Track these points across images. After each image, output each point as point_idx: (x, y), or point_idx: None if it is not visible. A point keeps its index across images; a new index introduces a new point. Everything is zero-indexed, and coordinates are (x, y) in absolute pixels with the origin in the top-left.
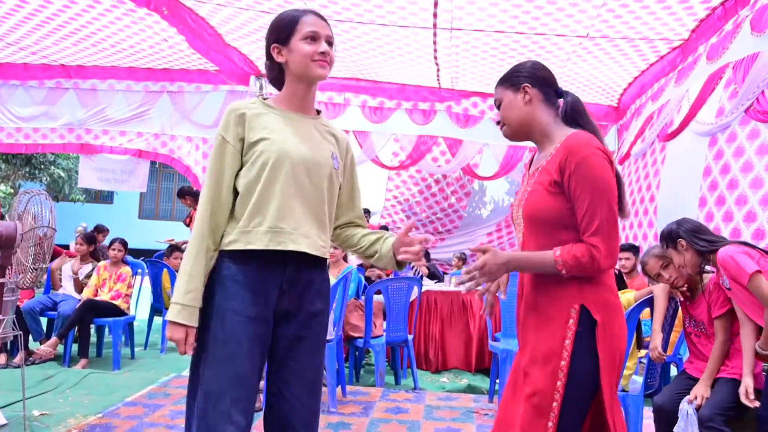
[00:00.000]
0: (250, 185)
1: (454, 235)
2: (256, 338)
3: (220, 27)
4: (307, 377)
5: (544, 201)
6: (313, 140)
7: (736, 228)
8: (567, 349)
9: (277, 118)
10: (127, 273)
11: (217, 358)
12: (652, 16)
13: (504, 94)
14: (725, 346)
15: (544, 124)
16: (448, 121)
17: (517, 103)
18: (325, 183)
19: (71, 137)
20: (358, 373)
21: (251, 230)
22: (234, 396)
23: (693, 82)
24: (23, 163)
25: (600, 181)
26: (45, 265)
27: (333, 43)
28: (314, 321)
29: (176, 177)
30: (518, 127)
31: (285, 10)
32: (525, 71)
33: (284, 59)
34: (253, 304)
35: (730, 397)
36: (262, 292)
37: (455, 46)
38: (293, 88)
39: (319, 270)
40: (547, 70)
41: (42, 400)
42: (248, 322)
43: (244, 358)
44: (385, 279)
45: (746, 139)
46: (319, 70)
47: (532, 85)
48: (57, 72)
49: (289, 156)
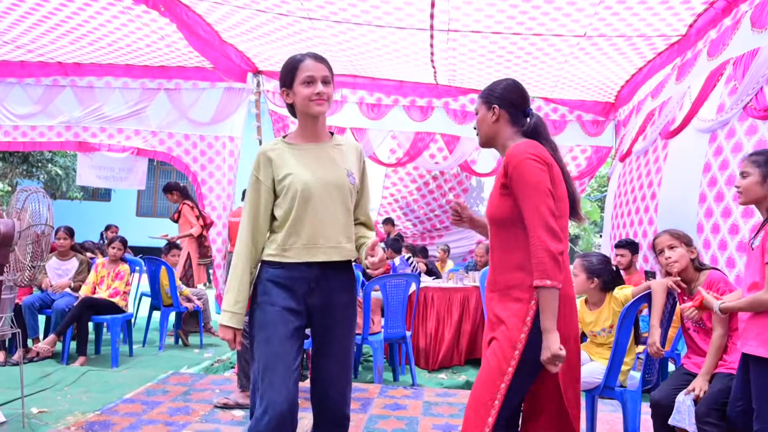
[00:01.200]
0: (286, 213)
1: (452, 232)
2: (290, 325)
3: (217, 24)
4: (339, 357)
5: (498, 202)
6: (332, 164)
7: (735, 224)
8: (527, 324)
9: (297, 153)
10: (125, 271)
11: (261, 341)
12: (649, 12)
13: (480, 107)
14: (723, 340)
15: (504, 138)
16: (445, 117)
17: (486, 120)
18: (347, 199)
19: (69, 135)
20: (356, 369)
21: (289, 248)
22: (275, 369)
23: (694, 78)
24: (20, 161)
25: (531, 184)
26: (43, 262)
27: (330, 82)
28: (342, 311)
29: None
30: (485, 138)
31: (290, 57)
32: (498, 92)
33: (291, 100)
34: (285, 299)
35: (727, 393)
36: (293, 288)
37: (452, 49)
38: (303, 122)
39: (343, 268)
40: (518, 91)
41: (41, 397)
42: (282, 312)
43: (282, 339)
44: (383, 276)
45: (744, 135)
46: (317, 108)
47: (500, 107)
48: (54, 70)
49: (312, 186)
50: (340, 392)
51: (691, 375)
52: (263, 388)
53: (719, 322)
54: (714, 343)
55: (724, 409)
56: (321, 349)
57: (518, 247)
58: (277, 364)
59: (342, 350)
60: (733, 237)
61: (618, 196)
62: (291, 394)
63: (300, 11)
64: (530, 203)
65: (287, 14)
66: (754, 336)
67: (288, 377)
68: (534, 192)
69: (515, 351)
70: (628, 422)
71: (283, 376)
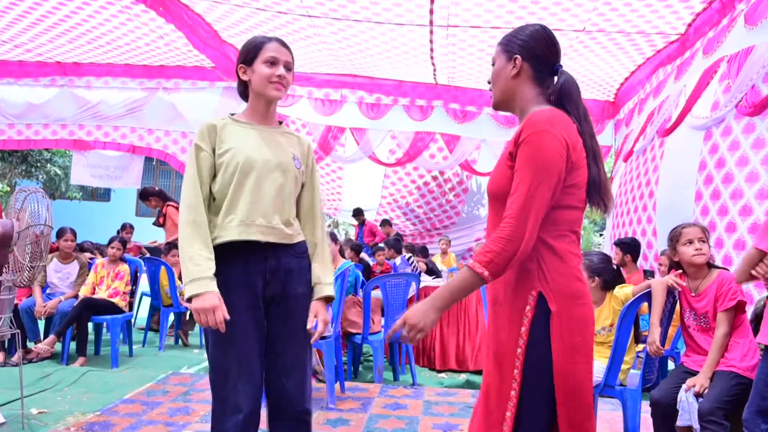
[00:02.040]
0: (223, 188)
1: (451, 231)
2: (250, 324)
3: (216, 23)
4: (296, 348)
5: (501, 175)
6: (277, 146)
7: (732, 222)
8: (523, 337)
9: (242, 129)
10: (125, 271)
11: (220, 342)
12: (648, 9)
13: (498, 57)
14: (727, 339)
15: (525, 101)
16: (445, 117)
17: (504, 73)
18: (290, 183)
19: (64, 133)
20: (357, 369)
21: (225, 225)
22: (240, 371)
23: (690, 76)
24: (20, 161)
25: (539, 162)
26: (42, 263)
27: (291, 69)
28: (298, 302)
29: (173, 174)
30: (500, 96)
31: (254, 36)
32: (521, 40)
33: (248, 78)
34: (243, 297)
35: (731, 391)
36: (249, 284)
37: (452, 44)
38: (254, 103)
39: (297, 258)
40: (548, 41)
41: (40, 398)
42: (241, 311)
43: (244, 339)
44: (383, 275)
45: (741, 133)
46: (274, 92)
47: (524, 59)
48: (53, 69)
49: (254, 161)
50: (298, 386)
51: (690, 373)
52: (227, 390)
53: (724, 320)
54: (717, 341)
55: (727, 407)
56: (277, 341)
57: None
58: (241, 366)
59: (299, 342)
60: (730, 235)
61: (619, 195)
62: (256, 396)
63: (299, 9)
64: (528, 181)
65: (286, 12)
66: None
67: (252, 379)
68: (539, 172)
69: (514, 369)
70: (628, 421)
71: (248, 378)
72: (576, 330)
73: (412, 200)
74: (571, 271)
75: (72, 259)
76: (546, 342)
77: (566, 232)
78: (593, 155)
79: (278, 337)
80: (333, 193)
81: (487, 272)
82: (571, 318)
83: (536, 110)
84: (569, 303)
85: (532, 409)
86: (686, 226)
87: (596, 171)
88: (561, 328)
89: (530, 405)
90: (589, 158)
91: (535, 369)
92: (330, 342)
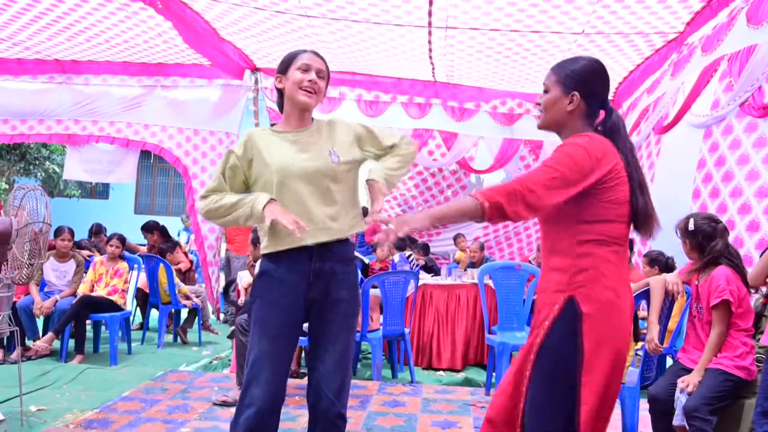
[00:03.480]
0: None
1: (449, 229)
2: (286, 323)
3: (215, 22)
4: (336, 356)
5: None
6: (313, 149)
7: (731, 220)
8: (544, 327)
9: (279, 138)
10: (124, 268)
11: (255, 335)
12: (647, 11)
13: (554, 86)
14: (721, 338)
15: (574, 130)
16: (443, 114)
17: (560, 106)
18: (330, 181)
19: (59, 128)
20: (355, 366)
21: (275, 234)
22: (262, 366)
23: (688, 74)
24: (18, 159)
25: (564, 155)
26: (41, 260)
27: (325, 78)
28: (340, 307)
29: (172, 172)
30: (551, 123)
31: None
32: (580, 75)
33: (282, 86)
34: (284, 294)
35: (717, 388)
36: (291, 283)
37: (450, 46)
38: (289, 110)
39: (342, 263)
40: (603, 80)
41: (39, 395)
42: (279, 308)
43: (273, 337)
44: (382, 273)
45: (743, 132)
46: (303, 97)
47: (581, 97)
48: (51, 67)
49: (292, 170)
50: (335, 392)
51: (686, 370)
52: (248, 382)
53: (718, 319)
54: (712, 340)
55: (713, 404)
56: (318, 346)
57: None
58: (265, 362)
59: (340, 348)
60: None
61: None
62: (275, 393)
63: (297, 9)
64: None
65: (284, 12)
66: None
67: (275, 376)
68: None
69: (531, 355)
70: (627, 418)
71: (271, 374)
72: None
73: (410, 197)
74: (608, 279)
75: (69, 258)
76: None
77: (608, 244)
78: (639, 186)
79: (319, 342)
80: None
81: (486, 202)
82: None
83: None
84: (606, 309)
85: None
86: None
87: (643, 202)
88: (593, 329)
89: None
90: (635, 188)
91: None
92: None
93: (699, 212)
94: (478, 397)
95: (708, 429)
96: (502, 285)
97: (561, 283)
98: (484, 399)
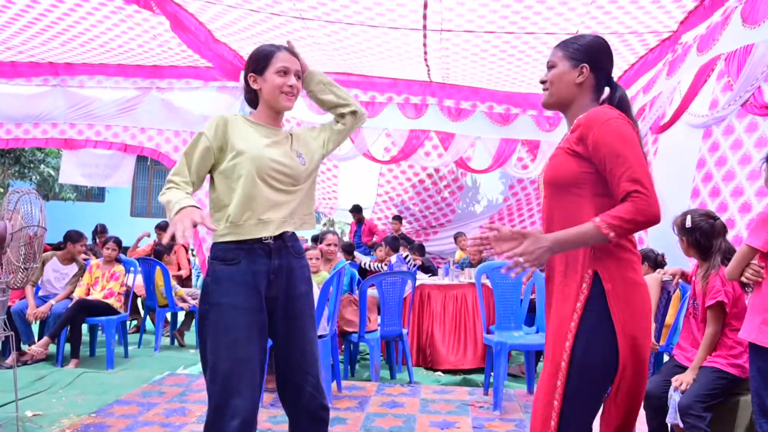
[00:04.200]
0: (237, 186)
1: (447, 228)
2: (254, 326)
3: (210, 23)
4: (307, 349)
5: (564, 163)
6: (283, 146)
7: (731, 219)
8: (577, 311)
9: (253, 129)
10: (120, 272)
11: (223, 345)
12: (641, 11)
13: (560, 61)
14: (715, 338)
15: (580, 107)
16: (439, 115)
17: (568, 78)
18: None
19: (54, 132)
20: (353, 367)
21: (242, 224)
22: (242, 375)
23: (684, 74)
24: (12, 162)
25: (624, 138)
26: (35, 264)
27: (301, 77)
28: (302, 301)
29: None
30: (558, 101)
31: (261, 45)
32: (590, 50)
33: (258, 87)
34: (246, 297)
35: (710, 385)
36: (253, 284)
37: (445, 48)
38: (265, 110)
39: (297, 257)
40: (609, 54)
41: (35, 400)
42: (244, 312)
43: (246, 342)
44: (379, 273)
45: (744, 132)
46: (285, 102)
47: (591, 69)
48: (45, 70)
49: (266, 160)
50: (314, 384)
51: (681, 367)
52: (227, 395)
53: (713, 318)
54: (706, 339)
55: (707, 401)
56: (287, 343)
57: (581, 217)
58: (243, 370)
59: (309, 342)
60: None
61: None
62: (256, 400)
63: (292, 11)
64: (624, 157)
65: (279, 14)
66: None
67: (254, 383)
68: (628, 148)
69: (565, 344)
70: None
71: (250, 382)
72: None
73: (407, 198)
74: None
75: (72, 261)
76: (604, 315)
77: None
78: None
79: (287, 339)
80: (329, 192)
81: (614, 234)
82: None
83: (595, 108)
84: (626, 285)
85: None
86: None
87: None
88: (619, 303)
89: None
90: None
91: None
92: (326, 341)
93: (696, 209)
94: (477, 397)
95: (702, 425)
96: (499, 285)
97: (584, 260)
98: (483, 399)
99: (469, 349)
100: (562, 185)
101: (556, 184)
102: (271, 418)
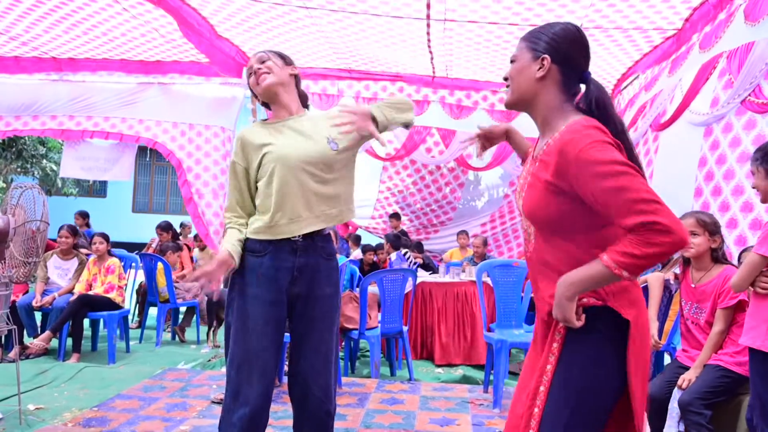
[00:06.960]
0: (268, 189)
1: (448, 227)
2: (271, 319)
3: (212, 17)
4: (322, 350)
5: (545, 202)
6: (308, 136)
7: (733, 218)
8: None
9: (271, 130)
10: (115, 264)
11: (239, 332)
12: (645, 4)
13: (521, 54)
14: (722, 336)
15: (549, 108)
16: (441, 111)
17: (528, 73)
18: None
19: (53, 124)
20: (354, 364)
21: (276, 224)
22: (252, 365)
23: (686, 71)
24: (15, 157)
25: (608, 164)
26: (38, 259)
27: (267, 59)
28: (324, 303)
29: (170, 170)
30: (518, 99)
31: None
32: (551, 38)
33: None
34: (268, 290)
35: (713, 383)
36: (275, 278)
37: (449, 38)
38: (272, 107)
39: (325, 258)
40: (579, 44)
41: (37, 394)
42: (264, 304)
43: (261, 334)
44: (380, 270)
45: (742, 130)
46: (259, 85)
47: (553, 60)
48: (48, 65)
49: (290, 159)
50: (323, 389)
51: (684, 368)
52: (239, 382)
53: (722, 318)
54: (712, 338)
55: (707, 398)
56: (303, 343)
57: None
58: (255, 360)
59: (325, 345)
60: (731, 231)
61: None
62: (267, 391)
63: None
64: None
65: (283, 3)
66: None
67: (265, 374)
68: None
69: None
70: None
71: (261, 373)
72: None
73: (408, 194)
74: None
75: (72, 256)
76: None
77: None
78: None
79: (304, 339)
80: None
81: (627, 273)
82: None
83: (567, 126)
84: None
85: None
86: (684, 216)
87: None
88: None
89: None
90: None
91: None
92: None
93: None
94: (477, 395)
95: (702, 422)
96: (500, 282)
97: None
98: (482, 396)
99: (469, 346)
100: (545, 224)
101: (539, 223)
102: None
